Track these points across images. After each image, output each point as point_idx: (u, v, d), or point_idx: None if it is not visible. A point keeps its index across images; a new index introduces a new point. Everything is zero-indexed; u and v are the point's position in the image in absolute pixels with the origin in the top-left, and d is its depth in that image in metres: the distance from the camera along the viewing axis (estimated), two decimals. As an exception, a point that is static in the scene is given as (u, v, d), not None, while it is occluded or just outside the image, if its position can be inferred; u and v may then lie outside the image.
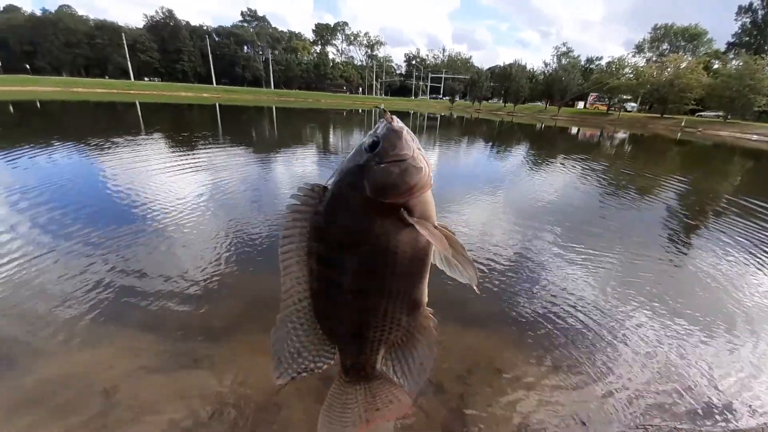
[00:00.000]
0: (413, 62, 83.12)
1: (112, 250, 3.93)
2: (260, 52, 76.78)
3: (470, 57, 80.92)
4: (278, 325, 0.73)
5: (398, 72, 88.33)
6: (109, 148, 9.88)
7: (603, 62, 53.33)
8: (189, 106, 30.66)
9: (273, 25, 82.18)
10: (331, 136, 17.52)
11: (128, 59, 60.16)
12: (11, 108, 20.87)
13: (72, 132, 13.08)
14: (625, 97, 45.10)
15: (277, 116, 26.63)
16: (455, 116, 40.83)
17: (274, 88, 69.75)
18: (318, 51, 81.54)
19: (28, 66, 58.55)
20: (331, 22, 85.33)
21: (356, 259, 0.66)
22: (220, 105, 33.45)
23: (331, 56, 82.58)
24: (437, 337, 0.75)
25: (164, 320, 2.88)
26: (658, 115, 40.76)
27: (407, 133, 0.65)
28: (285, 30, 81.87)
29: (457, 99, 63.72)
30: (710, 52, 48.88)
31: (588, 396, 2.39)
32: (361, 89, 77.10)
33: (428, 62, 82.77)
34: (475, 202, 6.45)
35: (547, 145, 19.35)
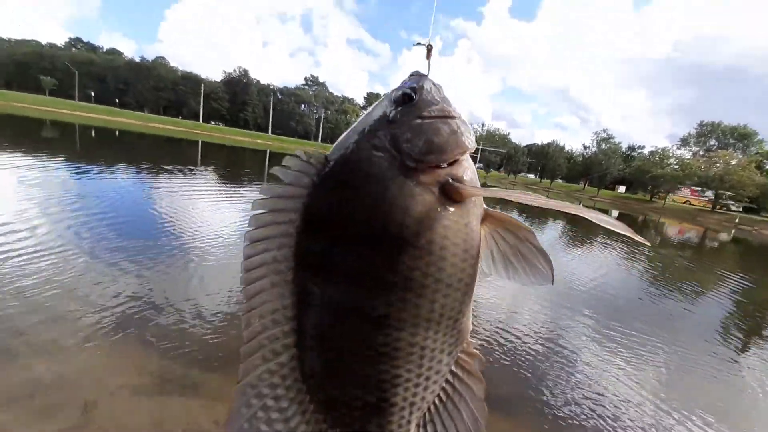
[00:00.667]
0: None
1: (137, 263, 4.00)
2: (315, 111, 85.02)
3: (508, 133, 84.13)
4: (237, 402, 0.43)
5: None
6: (164, 174, 10.78)
7: (645, 151, 53.32)
8: (243, 149, 33.60)
9: (330, 90, 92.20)
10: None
11: (201, 105, 68.67)
12: (93, 133, 23.91)
13: (138, 157, 14.53)
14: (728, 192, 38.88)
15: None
16: (489, 185, 41.26)
17: (321, 142, 75.49)
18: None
19: (117, 100, 68.38)
20: (381, 92, 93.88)
21: (384, 262, 0.41)
22: (270, 151, 36.36)
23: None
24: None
25: (166, 341, 2.75)
26: (709, 208, 38.81)
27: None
28: (339, 95, 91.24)
29: (492, 170, 65.12)
30: (762, 152, 47.49)
31: None
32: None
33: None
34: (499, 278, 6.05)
35: (585, 223, 18.70)
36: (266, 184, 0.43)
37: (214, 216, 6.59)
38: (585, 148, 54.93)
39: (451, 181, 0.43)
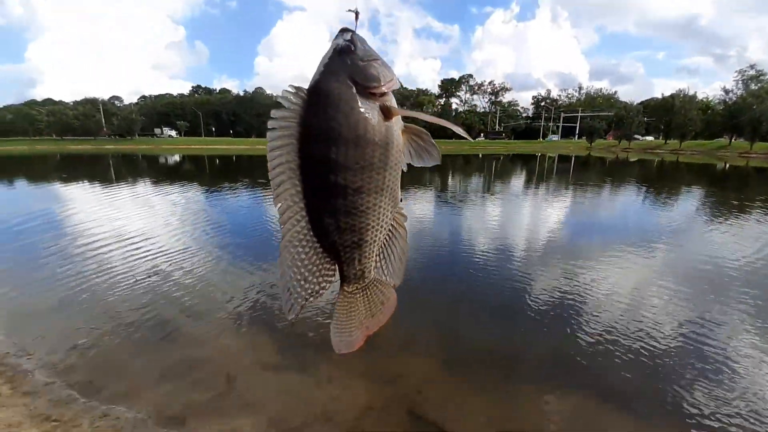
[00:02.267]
0: (542, 104, 79.11)
1: (256, 257, 4.68)
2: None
3: (614, 92, 72.22)
4: (282, 255, 0.72)
5: (524, 115, 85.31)
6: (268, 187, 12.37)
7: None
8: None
9: (404, 86, 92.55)
10: (449, 179, 17.69)
11: (293, 123, 76.86)
12: (217, 161, 28.82)
13: (249, 176, 17.00)
14: None
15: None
16: (594, 157, 35.94)
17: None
18: (442, 103, 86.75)
19: (231, 131, 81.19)
20: (456, 76, 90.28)
21: (357, 153, 0.66)
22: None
23: (454, 106, 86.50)
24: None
25: (285, 325, 3.15)
26: None
27: None
28: (414, 88, 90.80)
29: (597, 138, 56.42)
30: None
31: None
32: (483, 135, 77.05)
33: (560, 102, 77.45)
34: (621, 261, 5.01)
35: (737, 190, 14.86)
36: (274, 110, 0.64)
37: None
38: (727, 92, 43.36)
39: (386, 104, 0.68)
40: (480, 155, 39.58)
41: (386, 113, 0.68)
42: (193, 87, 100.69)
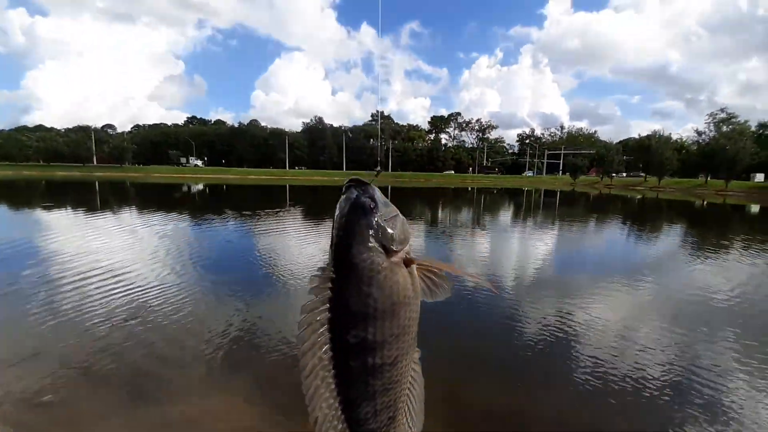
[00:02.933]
0: (527, 141, 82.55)
1: (247, 304, 4.47)
2: (383, 143, 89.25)
3: (594, 131, 76.14)
4: None
5: (510, 151, 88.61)
6: (259, 217, 12.23)
7: (788, 125, 42.37)
8: (323, 187, 36.56)
9: (396, 121, 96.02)
10: (439, 212, 17.85)
11: (287, 154, 77.70)
12: (207, 190, 28.67)
13: (239, 205, 16.85)
14: None
15: (391, 194, 29.10)
16: (578, 192, 37.03)
17: (392, 171, 78.10)
18: (432, 138, 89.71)
19: (223, 161, 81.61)
20: (444, 114, 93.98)
21: (393, 322, 0.61)
22: (346, 186, 38.67)
23: (443, 141, 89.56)
24: None
25: (276, 382, 2.94)
26: None
27: None
28: (405, 124, 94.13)
29: (580, 175, 58.53)
30: None
31: None
32: (471, 169, 79.18)
33: (544, 140, 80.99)
34: (610, 294, 5.19)
35: (716, 226, 15.34)
36: (304, 304, 0.59)
37: (303, 250, 7.12)
38: (699, 134, 46.09)
39: (407, 255, 0.65)
40: (469, 188, 40.41)
41: (407, 263, 0.64)
42: (188, 118, 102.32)
